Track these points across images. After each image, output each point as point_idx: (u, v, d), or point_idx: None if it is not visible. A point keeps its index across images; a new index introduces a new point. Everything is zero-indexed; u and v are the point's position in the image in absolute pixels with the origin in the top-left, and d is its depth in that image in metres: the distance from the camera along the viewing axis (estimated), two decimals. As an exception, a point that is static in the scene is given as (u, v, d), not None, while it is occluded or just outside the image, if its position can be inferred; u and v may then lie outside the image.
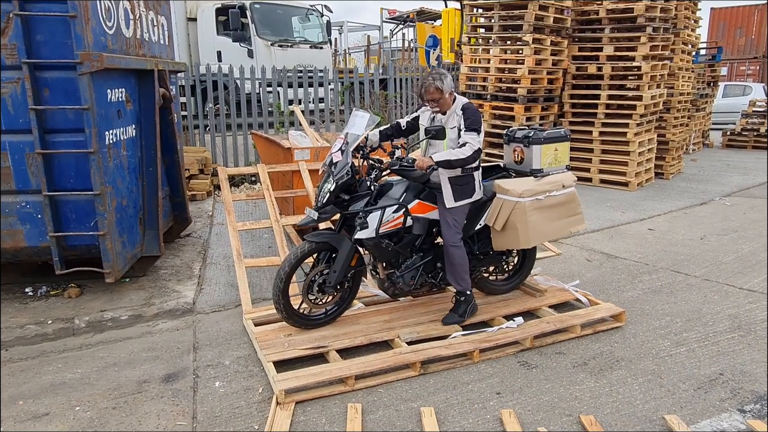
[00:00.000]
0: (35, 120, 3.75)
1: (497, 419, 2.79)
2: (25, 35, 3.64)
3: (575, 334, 3.63)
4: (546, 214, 3.73)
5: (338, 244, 3.49)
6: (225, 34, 11.24)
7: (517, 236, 3.63)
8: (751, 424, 2.66)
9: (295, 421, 2.80)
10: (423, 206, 3.60)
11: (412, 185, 3.62)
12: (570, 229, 4.05)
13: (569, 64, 8.57)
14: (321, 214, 3.42)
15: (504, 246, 3.78)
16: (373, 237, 3.45)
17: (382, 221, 3.46)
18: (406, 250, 3.64)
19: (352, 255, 3.52)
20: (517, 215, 3.60)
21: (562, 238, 4.33)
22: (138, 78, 4.58)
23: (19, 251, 4.06)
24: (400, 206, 3.51)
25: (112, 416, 2.88)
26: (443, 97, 3.46)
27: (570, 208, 3.91)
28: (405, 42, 20.23)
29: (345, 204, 3.49)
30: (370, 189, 3.51)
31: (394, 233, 3.56)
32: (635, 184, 8.21)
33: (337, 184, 3.37)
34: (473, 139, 3.39)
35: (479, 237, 3.86)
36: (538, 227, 3.68)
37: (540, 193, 3.69)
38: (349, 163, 3.40)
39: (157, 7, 5.15)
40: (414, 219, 3.57)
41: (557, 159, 3.90)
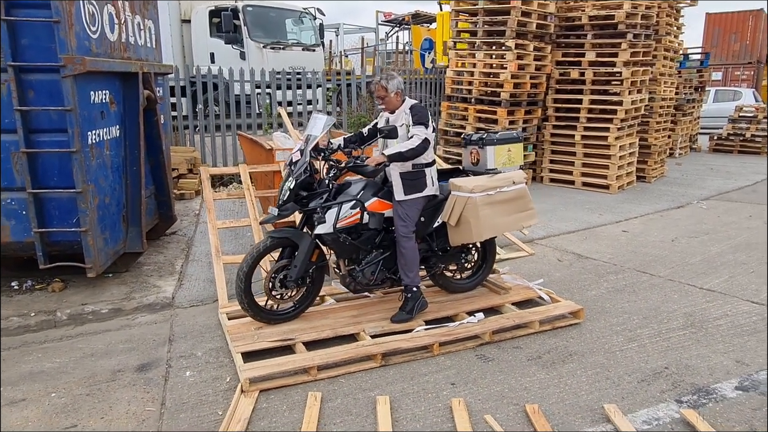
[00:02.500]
0: (20, 120, 3.91)
1: (448, 408, 2.95)
2: (11, 39, 3.81)
3: (534, 329, 3.80)
4: (497, 208, 3.90)
5: (298, 239, 3.65)
6: (218, 36, 11.40)
7: (470, 230, 3.80)
8: (684, 413, 2.83)
9: (257, 408, 2.96)
10: (381, 204, 3.78)
11: (371, 183, 3.81)
12: (522, 223, 4.21)
13: (552, 69, 8.74)
14: (281, 211, 3.59)
15: (459, 240, 3.93)
16: (331, 232, 3.61)
17: (339, 217, 3.62)
18: (366, 246, 3.79)
19: (312, 250, 3.67)
20: (469, 210, 3.77)
21: (514, 230, 4.61)
22: (122, 80, 4.74)
23: (4, 246, 4.22)
24: (357, 202, 3.69)
25: (85, 402, 3.04)
26: (388, 95, 3.71)
27: (521, 204, 4.07)
28: (400, 45, 20.39)
29: (305, 201, 3.65)
30: (329, 187, 3.68)
31: (353, 229, 3.71)
32: (616, 187, 8.38)
33: (296, 182, 3.55)
34: (420, 131, 3.61)
35: (438, 235, 4.03)
36: (489, 221, 3.84)
37: (490, 189, 3.86)
38: (307, 162, 3.58)
39: (144, 11, 5.32)
40: (370, 215, 3.73)
41: (511, 159, 4.10)
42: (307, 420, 2.81)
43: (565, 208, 7.35)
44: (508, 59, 8.09)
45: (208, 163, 8.40)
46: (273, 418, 2.88)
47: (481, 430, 2.77)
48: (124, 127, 4.78)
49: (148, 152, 5.09)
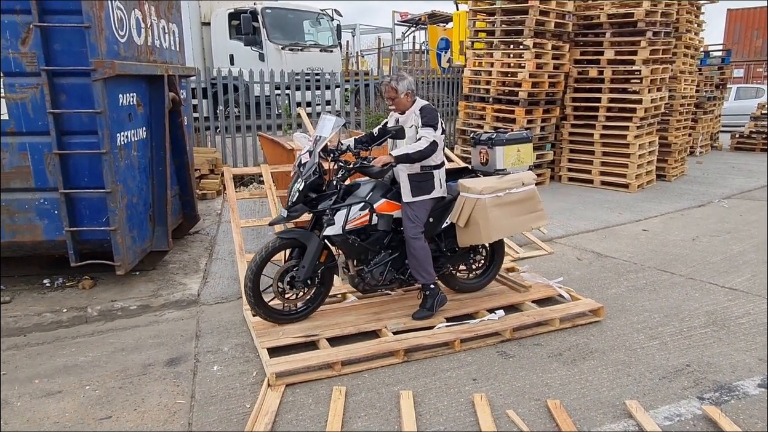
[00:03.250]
0: (53, 123, 4.04)
1: (470, 402, 3.00)
2: (44, 44, 3.94)
3: (554, 327, 3.83)
4: (506, 210, 3.89)
5: (306, 240, 3.66)
6: (237, 38, 11.55)
7: (479, 231, 3.80)
8: (706, 410, 2.84)
9: (284, 401, 3.04)
10: (390, 205, 3.80)
11: (380, 185, 3.83)
12: (531, 224, 4.21)
13: (571, 67, 8.73)
14: (290, 213, 3.60)
15: (468, 242, 3.93)
16: (340, 233, 3.63)
17: (348, 218, 3.64)
18: (374, 247, 3.81)
19: (320, 251, 3.67)
20: (478, 211, 3.77)
21: (523, 232, 4.57)
22: (149, 83, 4.87)
23: (37, 245, 4.37)
24: (366, 204, 3.70)
25: (118, 394, 3.15)
26: (398, 96, 3.71)
27: (530, 205, 4.06)
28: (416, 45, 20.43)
29: (314, 203, 3.66)
30: (337, 188, 3.69)
31: (362, 230, 3.72)
32: (635, 186, 8.33)
33: (305, 184, 3.56)
34: (429, 133, 3.61)
35: (446, 235, 4.03)
36: (498, 222, 3.84)
37: (500, 190, 3.85)
38: (316, 164, 3.59)
39: (168, 15, 5.45)
40: (379, 216, 3.74)
41: (520, 159, 4.10)
42: (333, 413, 2.88)
43: (583, 207, 7.34)
44: (526, 58, 8.10)
45: (228, 163, 8.54)
46: (299, 410, 2.96)
47: (503, 424, 2.82)
48: (150, 129, 4.90)
49: (173, 153, 5.21)
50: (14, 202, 4.23)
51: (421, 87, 10.63)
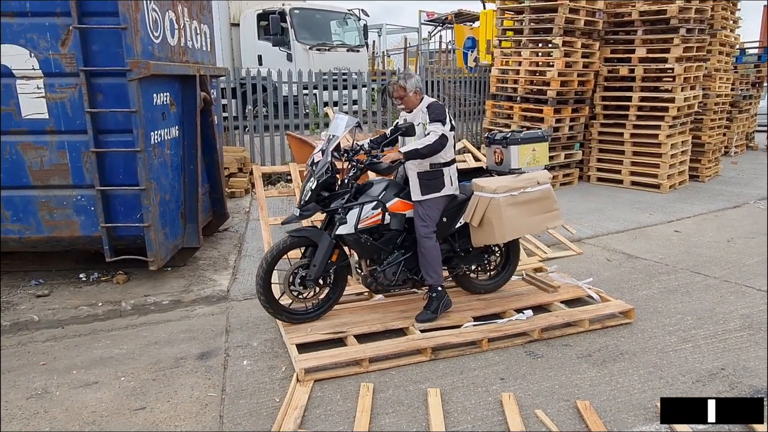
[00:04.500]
0: (90, 122, 4.17)
1: (498, 402, 2.99)
2: (83, 45, 4.06)
3: (583, 328, 3.78)
4: (521, 209, 3.83)
5: (318, 239, 3.63)
6: (266, 39, 11.69)
7: (493, 231, 3.75)
8: (742, 414, 2.78)
9: (312, 396, 3.08)
10: (403, 204, 3.77)
11: (392, 184, 3.80)
12: (546, 224, 4.12)
13: (601, 66, 8.59)
14: (303, 212, 3.59)
15: (482, 242, 3.89)
16: (352, 233, 3.60)
17: (361, 217, 3.61)
18: (387, 247, 3.77)
19: (331, 250, 3.65)
20: (492, 211, 3.73)
21: (538, 232, 4.44)
22: (181, 83, 4.97)
23: (74, 240, 4.50)
24: (379, 203, 3.67)
25: (152, 386, 3.23)
26: (407, 95, 3.71)
27: (546, 204, 3.99)
28: (443, 44, 20.37)
29: (326, 202, 3.65)
30: (350, 187, 3.67)
31: (374, 229, 3.70)
32: (667, 187, 8.16)
33: (317, 182, 3.55)
34: (437, 128, 3.58)
35: (460, 235, 3.99)
36: (512, 222, 3.79)
37: (514, 190, 3.80)
38: (328, 163, 3.58)
39: (200, 16, 5.55)
40: (392, 215, 3.71)
41: (536, 159, 4.04)
42: (361, 409, 2.91)
43: (613, 208, 7.23)
44: (555, 57, 8.01)
45: (257, 162, 8.65)
46: (328, 406, 2.99)
47: (532, 424, 2.80)
48: (182, 128, 5.01)
49: (204, 151, 5.31)
50: (53, 199, 4.37)
51: (448, 86, 10.60)
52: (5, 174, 4.27)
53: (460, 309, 3.99)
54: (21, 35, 4.06)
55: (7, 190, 4.31)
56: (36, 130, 4.24)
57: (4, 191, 4.30)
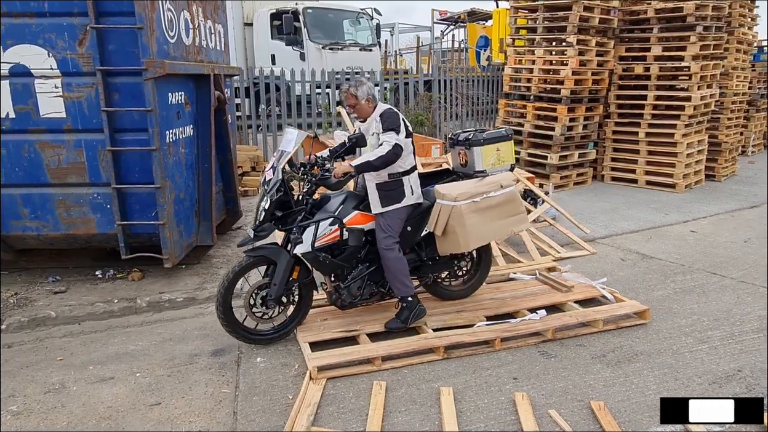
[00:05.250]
0: (106, 120, 4.22)
1: (511, 401, 2.98)
2: (99, 45, 4.10)
3: (597, 328, 3.75)
4: (484, 215, 3.71)
5: (276, 257, 3.49)
6: (279, 38, 11.72)
7: (457, 240, 3.64)
8: (760, 416, 2.74)
9: (325, 394, 3.09)
10: (363, 217, 3.63)
11: (351, 196, 3.66)
12: (512, 228, 3.98)
13: (615, 64, 8.52)
14: (257, 233, 3.43)
15: (448, 250, 3.77)
16: (309, 251, 3.46)
17: (317, 235, 3.46)
18: (349, 262, 3.63)
19: (290, 268, 3.50)
20: (454, 219, 3.61)
21: (503, 237, 4.15)
22: (196, 82, 5.01)
23: (91, 237, 4.56)
24: (335, 219, 3.52)
25: (167, 382, 3.27)
26: (359, 103, 3.55)
27: (510, 208, 3.87)
28: (455, 43, 20.31)
29: (284, 220, 3.51)
30: (305, 204, 3.53)
31: (335, 245, 3.55)
32: (683, 186, 8.07)
33: (270, 202, 3.39)
34: (390, 137, 3.42)
35: (426, 244, 3.86)
36: (476, 229, 3.67)
37: (476, 196, 3.68)
38: (279, 180, 3.40)
39: (214, 15, 5.59)
40: (349, 231, 3.55)
41: (501, 159, 3.91)
42: (373, 407, 2.91)
43: (627, 207, 7.16)
44: (569, 55, 7.95)
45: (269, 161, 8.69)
46: (340, 404, 3.00)
47: (546, 424, 2.79)
48: (197, 127, 5.05)
49: (218, 150, 5.34)
50: (70, 197, 4.42)
51: (461, 85, 10.57)
52: (24, 172, 4.33)
53: (473, 308, 3.98)
54: (39, 35, 4.12)
55: (26, 188, 4.38)
56: (54, 129, 4.29)
57: (24, 189, 4.37)
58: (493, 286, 4.46)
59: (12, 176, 4.34)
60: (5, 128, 4.26)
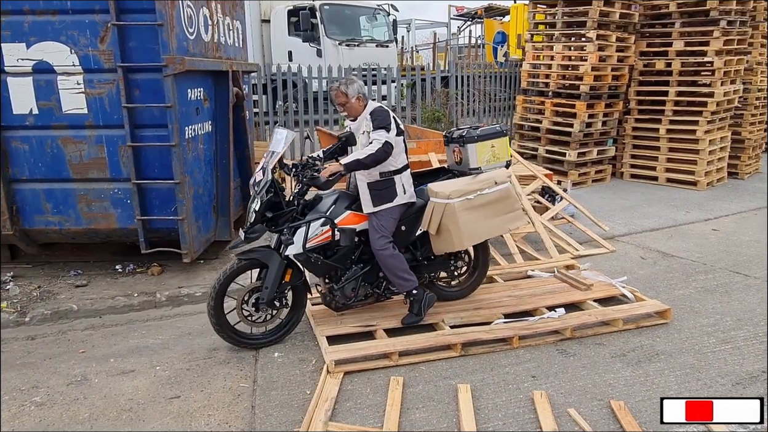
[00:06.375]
0: (127, 116, 4.26)
1: (529, 399, 2.96)
2: (120, 42, 4.15)
3: (617, 327, 3.71)
4: (478, 213, 3.65)
5: (268, 260, 3.44)
6: (296, 35, 11.73)
7: (451, 238, 3.58)
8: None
9: (342, 389, 3.09)
10: (356, 217, 3.57)
11: (343, 196, 3.62)
12: (508, 226, 3.91)
13: (636, 60, 8.39)
14: (248, 235, 3.38)
15: (443, 249, 3.71)
16: (300, 253, 3.40)
17: (308, 236, 3.40)
18: (343, 263, 3.58)
19: (282, 271, 3.45)
20: (448, 217, 3.55)
21: (499, 235, 4.05)
22: (214, 78, 5.04)
23: (111, 232, 4.62)
24: (327, 220, 3.46)
25: (186, 376, 3.30)
26: (349, 101, 3.49)
27: (506, 205, 3.79)
28: (472, 39, 20.19)
29: (275, 221, 3.45)
30: (296, 204, 3.48)
31: (327, 246, 3.50)
32: (704, 184, 7.93)
33: (260, 203, 3.34)
34: (380, 135, 3.37)
35: (421, 243, 3.79)
36: (471, 227, 3.60)
37: (470, 193, 3.61)
38: (269, 181, 3.35)
39: (233, 12, 5.62)
40: (341, 231, 3.49)
41: (495, 156, 3.83)
42: (391, 403, 2.91)
43: (647, 205, 7.06)
44: (589, 51, 7.85)
45: (287, 157, 8.73)
46: (358, 399, 3.01)
47: (565, 423, 2.76)
48: (215, 123, 5.08)
49: (236, 146, 5.37)
50: (91, 192, 4.49)
51: (478, 81, 10.50)
52: (47, 167, 4.40)
53: (490, 306, 3.96)
54: (62, 32, 4.17)
55: (49, 183, 4.45)
56: (76, 125, 4.36)
57: (46, 184, 4.44)
58: (511, 283, 4.43)
59: (35, 171, 4.42)
60: (28, 124, 4.33)
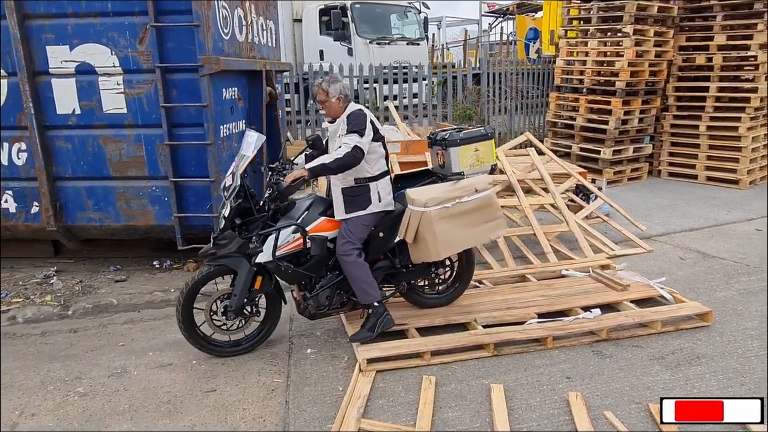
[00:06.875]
0: (164, 116, 4.36)
1: (564, 401, 2.91)
2: (158, 43, 4.24)
3: (655, 330, 3.62)
4: (456, 221, 3.48)
5: (237, 267, 3.34)
6: (327, 34, 11.81)
7: (428, 247, 3.43)
8: (836, 427, 2.58)
9: (374, 387, 3.10)
10: (330, 223, 3.44)
11: (318, 201, 3.51)
12: (488, 235, 3.73)
13: (675, 55, 8.15)
14: (217, 242, 3.28)
15: (420, 258, 3.56)
16: (270, 261, 3.30)
17: (278, 244, 3.29)
18: (317, 271, 3.46)
19: (251, 278, 3.35)
20: (424, 226, 3.40)
21: (478, 244, 3.85)
22: (248, 78, 5.11)
23: (149, 229, 4.73)
24: (297, 227, 3.33)
25: (221, 370, 3.36)
26: (329, 100, 3.36)
27: (486, 214, 3.62)
28: (504, 35, 19.96)
29: (246, 227, 3.36)
30: (266, 210, 3.39)
31: (299, 254, 3.38)
32: (747, 182, 7.67)
33: (230, 208, 3.26)
34: (351, 139, 3.22)
35: (400, 250, 3.64)
36: (447, 237, 3.45)
37: (448, 201, 3.45)
38: (238, 186, 3.26)
39: (266, 12, 5.69)
40: (312, 239, 3.36)
41: (480, 159, 3.67)
42: (423, 401, 2.91)
43: (686, 204, 6.86)
44: (625, 46, 7.67)
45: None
46: (390, 397, 3.01)
47: (601, 425, 2.71)
48: (249, 122, 5.16)
49: (268, 145, 5.43)
50: (130, 189, 4.61)
51: (509, 78, 10.37)
52: (88, 166, 4.54)
53: (523, 305, 3.91)
54: (103, 34, 4.29)
55: (90, 181, 4.59)
56: (115, 124, 4.48)
57: (88, 182, 4.58)
58: (544, 282, 4.37)
59: (77, 170, 4.56)
60: (71, 124, 4.48)
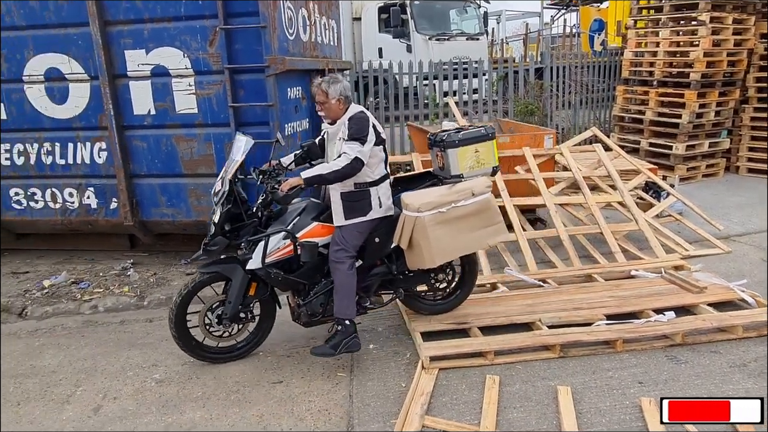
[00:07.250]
0: (232, 115, 4.51)
1: (636, 406, 2.80)
2: (227, 45, 4.39)
3: (736, 335, 3.42)
4: (452, 227, 3.34)
5: (231, 274, 3.29)
6: (386, 31, 11.86)
7: (422, 254, 3.29)
8: None
9: (437, 384, 3.10)
10: (324, 228, 3.33)
11: (311, 206, 3.40)
12: (487, 241, 3.55)
13: (756, 43, 7.64)
14: (208, 248, 3.25)
15: (416, 265, 3.42)
16: (260, 268, 3.22)
17: (268, 251, 3.20)
18: (310, 278, 3.37)
19: (245, 285, 3.31)
20: (418, 232, 3.26)
21: (475, 251, 3.66)
22: (312, 77, 5.19)
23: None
24: (287, 234, 3.24)
25: (287, 362, 3.46)
26: (328, 101, 3.22)
27: (484, 218, 3.45)
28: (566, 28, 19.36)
29: (237, 233, 3.32)
30: (258, 215, 3.34)
31: (291, 260, 3.29)
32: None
33: (220, 214, 3.23)
34: (351, 148, 3.07)
35: (397, 256, 3.51)
36: (442, 243, 3.31)
37: (443, 205, 3.30)
38: (226, 191, 3.23)
39: (328, 11, 5.77)
40: (302, 246, 3.23)
41: (480, 161, 3.47)
42: (487, 401, 2.88)
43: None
44: (701, 35, 7.26)
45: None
46: (453, 395, 3.00)
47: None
48: (312, 120, 5.25)
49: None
50: (200, 186, 4.79)
51: (574, 72, 10.05)
52: (162, 164, 4.77)
53: (591, 306, 3.79)
54: (176, 38, 4.48)
55: (163, 178, 4.81)
56: (187, 124, 4.67)
57: (162, 179, 4.81)
58: (612, 283, 4.21)
59: (152, 167, 4.80)
60: (147, 124, 4.71)
